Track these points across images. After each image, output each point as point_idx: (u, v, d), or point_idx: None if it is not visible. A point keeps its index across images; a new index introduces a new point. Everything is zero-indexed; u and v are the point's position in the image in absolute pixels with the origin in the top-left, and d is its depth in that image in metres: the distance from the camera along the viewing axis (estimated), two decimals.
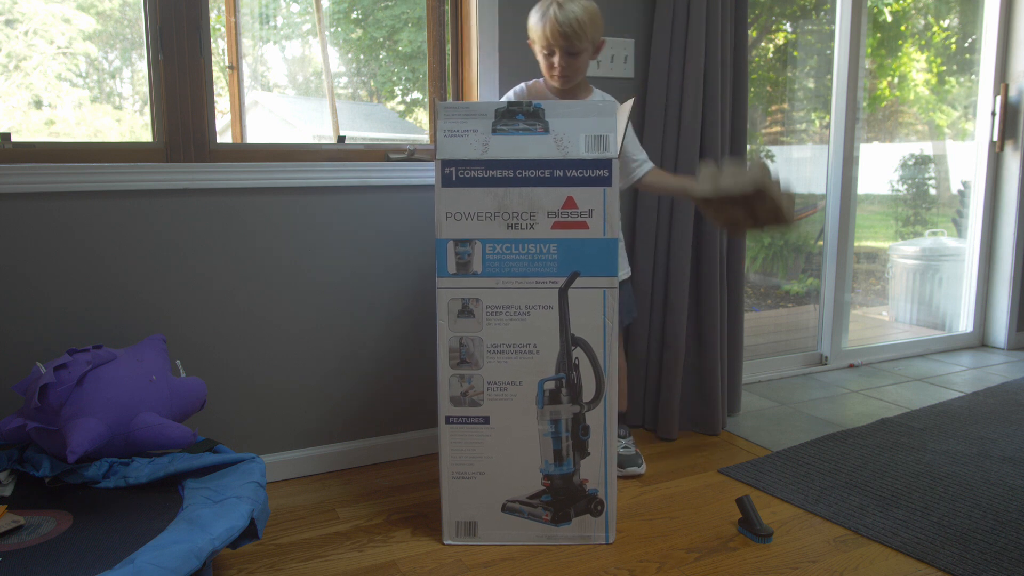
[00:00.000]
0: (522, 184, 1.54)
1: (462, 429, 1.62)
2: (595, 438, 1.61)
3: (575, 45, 1.77)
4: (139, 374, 1.51)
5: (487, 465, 1.63)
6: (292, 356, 1.98)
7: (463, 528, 1.66)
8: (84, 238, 1.73)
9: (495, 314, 1.58)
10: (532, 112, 1.57)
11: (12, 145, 1.70)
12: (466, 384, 1.61)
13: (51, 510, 1.37)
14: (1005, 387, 2.80)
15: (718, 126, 2.24)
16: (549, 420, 1.61)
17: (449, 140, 1.56)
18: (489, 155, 1.54)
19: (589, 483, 1.63)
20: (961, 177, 3.55)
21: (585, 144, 1.54)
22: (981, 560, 1.57)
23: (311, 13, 2.47)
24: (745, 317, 2.48)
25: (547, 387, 1.60)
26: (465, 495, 1.64)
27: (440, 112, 1.57)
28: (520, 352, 1.59)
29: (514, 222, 1.55)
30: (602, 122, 1.56)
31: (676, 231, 2.25)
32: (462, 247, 1.57)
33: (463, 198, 1.55)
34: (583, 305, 1.57)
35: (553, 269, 1.56)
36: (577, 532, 1.64)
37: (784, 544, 1.66)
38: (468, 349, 1.60)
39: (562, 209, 1.55)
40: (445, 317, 1.59)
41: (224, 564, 1.57)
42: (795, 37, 3.09)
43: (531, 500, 1.64)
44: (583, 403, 1.61)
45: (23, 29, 1.93)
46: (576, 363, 1.59)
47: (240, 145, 1.96)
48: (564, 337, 1.58)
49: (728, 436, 2.32)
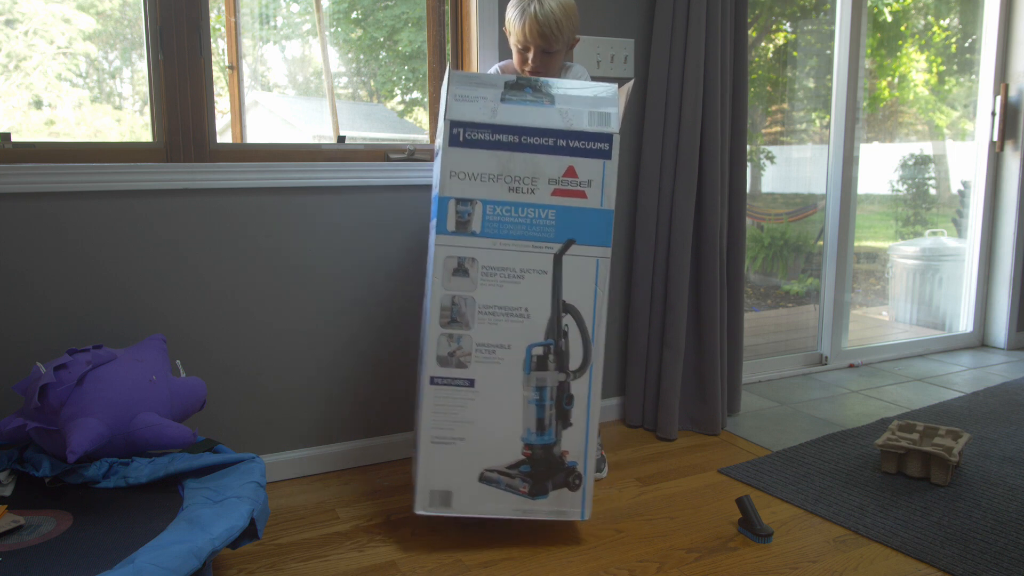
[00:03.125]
0: (526, 150, 1.59)
1: (446, 391, 1.62)
2: (578, 409, 1.62)
3: (551, 45, 1.77)
4: (139, 374, 1.51)
5: (468, 430, 1.62)
6: (292, 356, 1.98)
7: (437, 497, 1.63)
8: (84, 238, 1.73)
9: (490, 275, 1.60)
10: (539, 87, 1.64)
11: (12, 145, 1.70)
12: (454, 344, 1.61)
13: (51, 510, 1.37)
14: (1005, 387, 2.80)
15: (718, 126, 2.24)
16: (535, 387, 1.62)
17: (459, 103, 1.59)
18: (497, 119, 1.59)
19: (569, 455, 1.63)
20: (961, 177, 3.55)
21: (588, 119, 1.60)
22: (981, 560, 1.57)
23: (311, 13, 2.47)
24: (745, 317, 2.48)
25: (535, 352, 1.61)
26: (443, 462, 1.63)
27: (452, 79, 1.62)
28: (511, 315, 1.61)
29: (516, 186, 1.59)
30: (606, 101, 1.63)
31: (676, 231, 2.25)
32: (463, 206, 1.59)
33: (468, 159, 1.59)
34: (576, 273, 1.61)
35: (550, 235, 1.60)
36: (554, 507, 1.64)
37: (784, 544, 1.67)
38: (460, 308, 1.61)
39: (563, 177, 1.59)
40: (440, 274, 1.60)
41: (224, 564, 1.57)
42: (795, 37, 3.09)
43: (510, 470, 1.63)
44: (569, 371, 1.62)
45: (23, 29, 1.93)
46: (566, 331, 1.61)
47: (240, 145, 1.96)
48: (556, 303, 1.61)
49: (728, 436, 2.32)
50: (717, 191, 2.26)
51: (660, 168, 2.27)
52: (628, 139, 2.34)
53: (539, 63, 1.79)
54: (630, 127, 2.33)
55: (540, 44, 1.76)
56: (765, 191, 3.13)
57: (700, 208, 2.28)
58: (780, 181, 3.15)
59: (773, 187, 3.15)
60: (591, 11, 2.22)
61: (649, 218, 2.29)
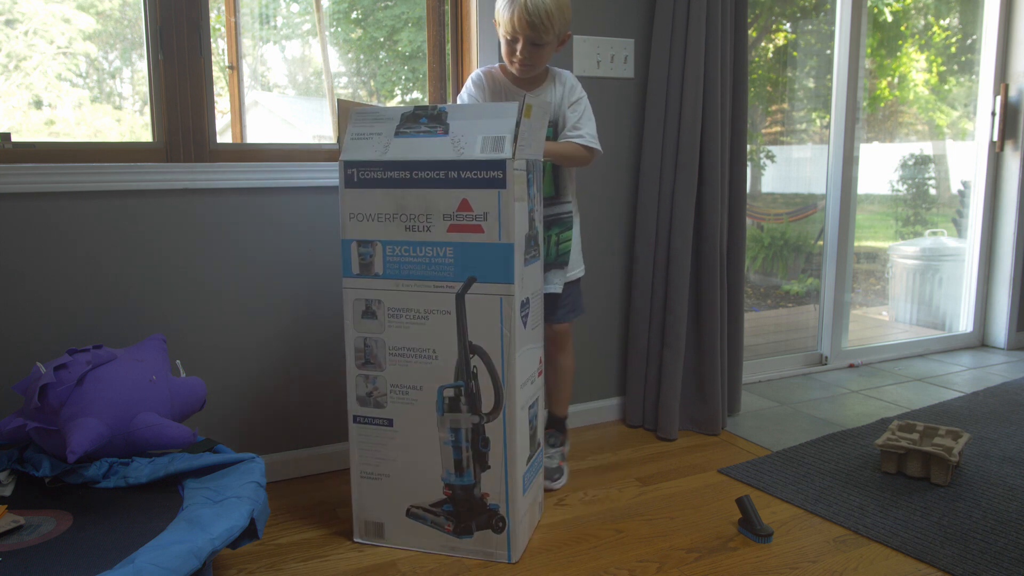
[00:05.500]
0: (418, 186, 1.52)
1: (368, 429, 1.62)
2: (495, 452, 1.56)
3: (541, 37, 1.72)
4: (139, 374, 1.51)
5: (392, 468, 1.62)
6: (292, 356, 1.98)
7: (371, 528, 1.66)
8: (84, 238, 1.73)
9: (396, 316, 1.57)
10: (436, 115, 1.55)
11: (12, 145, 1.70)
12: (371, 385, 1.61)
13: (51, 510, 1.37)
14: (1005, 387, 2.80)
15: (718, 126, 2.24)
16: (449, 428, 1.57)
17: (354, 142, 1.57)
18: (388, 156, 1.53)
19: (490, 498, 1.58)
20: (961, 177, 3.55)
21: (481, 145, 1.49)
22: (981, 560, 1.57)
23: (311, 13, 2.47)
24: (745, 317, 2.48)
25: (446, 394, 1.56)
26: (372, 495, 1.64)
27: (352, 118, 1.59)
28: (420, 356, 1.57)
29: (412, 224, 1.53)
30: (501, 123, 1.50)
31: (676, 231, 2.25)
32: (364, 248, 1.57)
33: (364, 199, 1.55)
34: (480, 312, 1.52)
35: (450, 273, 1.53)
36: (480, 547, 1.60)
37: (784, 544, 1.66)
38: (372, 350, 1.59)
39: (457, 211, 1.50)
40: (350, 317, 1.60)
41: (224, 564, 1.57)
42: (795, 37, 3.09)
43: (434, 508, 1.61)
44: (482, 414, 1.56)
45: (23, 29, 1.93)
46: (475, 372, 1.55)
47: (240, 145, 1.96)
48: (462, 343, 1.54)
49: (728, 436, 2.32)
50: (717, 191, 2.26)
51: (660, 168, 2.27)
52: (628, 139, 2.34)
53: (527, 55, 1.75)
54: (630, 127, 2.34)
55: (529, 35, 1.71)
56: (765, 191, 3.13)
57: (700, 208, 2.28)
58: (780, 181, 3.15)
59: (773, 187, 3.15)
60: (591, 11, 2.22)
61: (649, 218, 2.29)
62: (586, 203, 2.24)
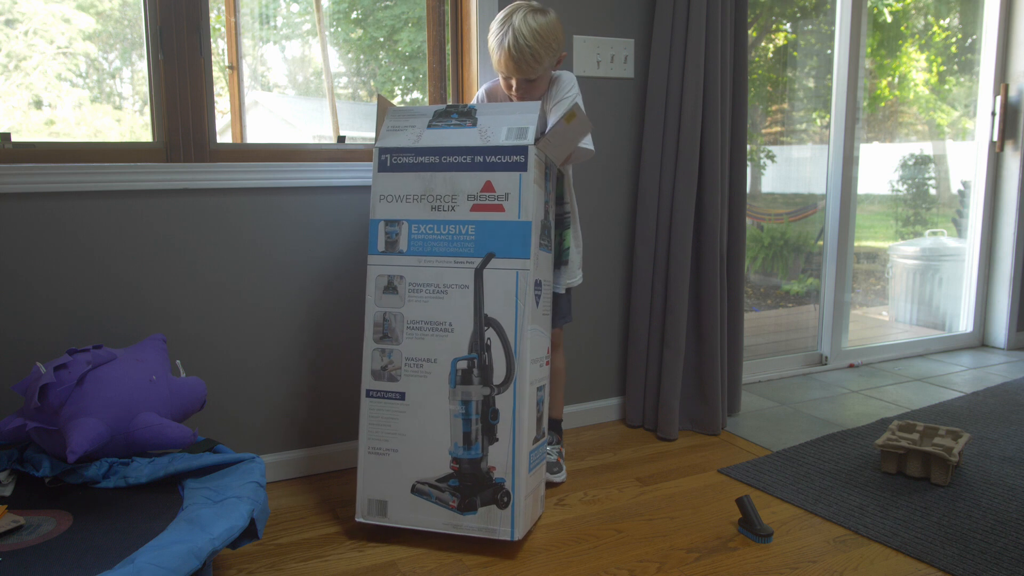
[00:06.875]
0: (446, 169, 1.66)
1: (380, 404, 1.67)
2: (504, 425, 1.62)
3: (531, 74, 1.76)
4: (139, 374, 1.51)
5: (400, 442, 1.66)
6: (292, 356, 1.98)
7: (374, 507, 1.68)
8: (84, 238, 1.73)
9: (416, 291, 1.66)
10: (466, 111, 1.72)
11: (12, 145, 1.70)
12: (386, 359, 1.67)
13: (51, 510, 1.37)
14: (1005, 387, 2.80)
15: (718, 126, 2.24)
16: (460, 400, 1.63)
17: (390, 133, 1.73)
18: (420, 143, 1.68)
19: (496, 471, 1.62)
20: (961, 177, 3.55)
21: (506, 134, 1.65)
22: (981, 560, 1.57)
23: (311, 13, 2.47)
24: (745, 317, 2.48)
25: (459, 366, 1.63)
26: (378, 472, 1.67)
27: (389, 113, 1.76)
28: (436, 329, 1.65)
29: (437, 204, 1.66)
30: (525, 116, 1.67)
31: (676, 231, 2.25)
32: (391, 227, 1.68)
33: (395, 182, 1.69)
34: (497, 286, 1.62)
35: (470, 249, 1.64)
36: (483, 523, 1.63)
37: (784, 544, 1.67)
38: (390, 324, 1.67)
39: (481, 192, 1.64)
40: (372, 292, 1.69)
41: (224, 564, 1.57)
42: (795, 37, 3.09)
43: (439, 483, 1.64)
44: (493, 385, 1.62)
45: (23, 29, 1.93)
46: (488, 344, 1.62)
47: (240, 145, 1.96)
48: (478, 317, 1.63)
49: (728, 436, 2.32)
50: (717, 191, 2.26)
51: (660, 168, 2.27)
52: (628, 139, 2.34)
53: (523, 91, 1.80)
54: (630, 128, 2.34)
55: (519, 75, 1.76)
56: (765, 191, 3.13)
57: (700, 208, 2.28)
58: (780, 181, 3.15)
59: (773, 187, 3.15)
60: (591, 11, 2.22)
61: (649, 218, 2.29)
62: (586, 203, 2.24)
